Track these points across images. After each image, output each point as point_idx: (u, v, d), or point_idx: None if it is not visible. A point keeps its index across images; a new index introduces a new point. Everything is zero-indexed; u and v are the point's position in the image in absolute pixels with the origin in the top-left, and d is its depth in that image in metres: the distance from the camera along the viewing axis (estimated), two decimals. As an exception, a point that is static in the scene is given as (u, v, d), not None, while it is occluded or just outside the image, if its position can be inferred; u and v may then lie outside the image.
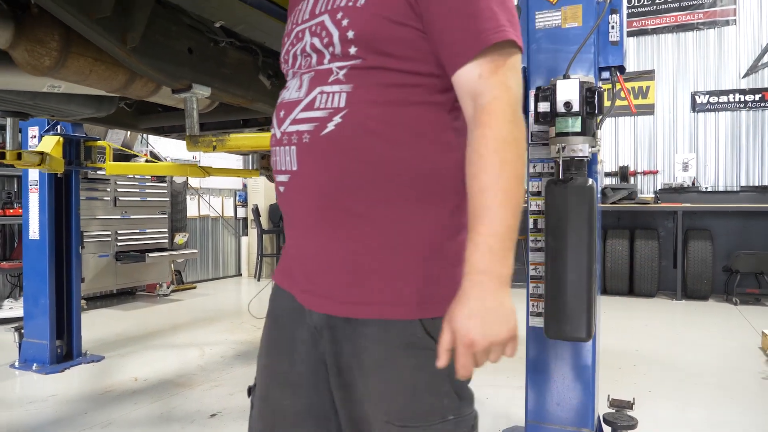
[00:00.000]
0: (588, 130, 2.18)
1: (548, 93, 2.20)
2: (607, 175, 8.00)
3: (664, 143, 7.93)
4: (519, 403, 3.05)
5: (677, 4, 7.84)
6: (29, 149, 3.97)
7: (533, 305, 2.48)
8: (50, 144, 3.62)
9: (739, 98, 7.53)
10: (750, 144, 7.52)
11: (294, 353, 1.12)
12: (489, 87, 0.96)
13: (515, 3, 2.54)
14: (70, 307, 4.15)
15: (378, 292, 1.01)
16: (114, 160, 4.14)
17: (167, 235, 7.26)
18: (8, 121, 2.82)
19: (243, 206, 9.40)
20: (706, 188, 7.62)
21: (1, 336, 4.87)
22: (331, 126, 1.00)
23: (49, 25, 1.86)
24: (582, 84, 2.16)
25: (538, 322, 2.44)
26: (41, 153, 3.31)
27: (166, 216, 7.23)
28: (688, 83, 7.81)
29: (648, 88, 7.97)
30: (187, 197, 8.22)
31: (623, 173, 7.79)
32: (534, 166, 2.46)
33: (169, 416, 3.09)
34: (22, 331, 4.14)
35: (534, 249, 2.46)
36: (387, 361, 1.01)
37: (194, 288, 8.00)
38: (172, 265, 7.52)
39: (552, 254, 2.18)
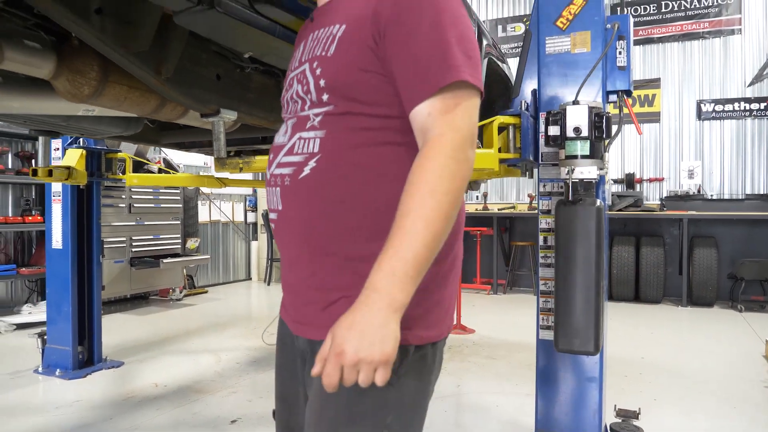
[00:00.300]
0: (596, 153, 2.28)
1: (558, 117, 2.31)
2: (613, 182, 8.08)
3: (669, 151, 8.01)
4: (527, 411, 3.16)
5: (683, 13, 7.92)
6: (53, 162, 4.12)
7: (543, 319, 2.58)
8: (74, 157, 3.75)
9: (745, 107, 7.61)
10: (755, 152, 7.60)
11: (294, 376, 1.24)
12: (436, 124, 0.99)
13: (526, 28, 2.65)
14: (91, 314, 4.28)
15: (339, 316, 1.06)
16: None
17: (180, 240, 7.40)
18: (40, 140, 2.95)
19: (253, 211, 9.53)
20: (711, 196, 7.70)
21: (22, 340, 5.00)
22: (306, 170, 1.09)
23: (89, 56, 1.98)
24: (591, 109, 2.26)
25: (548, 335, 2.54)
26: (68, 167, 3.44)
27: (179, 222, 7.37)
28: (693, 91, 7.89)
29: (654, 96, 8.06)
30: (199, 203, 8.35)
31: (629, 180, 7.88)
32: (544, 186, 2.56)
33: (192, 422, 3.21)
34: (45, 337, 4.27)
35: (544, 265, 2.56)
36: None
37: (206, 292, 8.13)
38: (185, 270, 7.65)
39: (562, 272, 2.29)
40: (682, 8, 7.92)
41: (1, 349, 4.92)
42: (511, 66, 7.86)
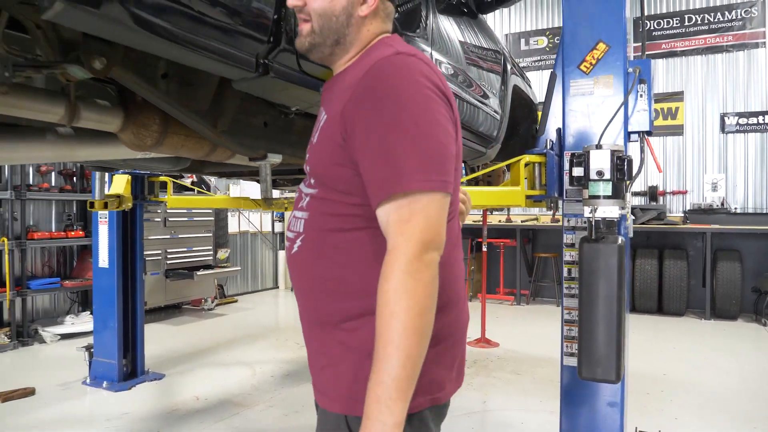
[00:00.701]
0: (618, 194, 2.43)
1: (582, 159, 2.46)
2: (636, 195, 8.15)
3: (693, 164, 8.06)
4: (551, 429, 3.30)
5: (706, 27, 7.96)
6: (96, 180, 4.37)
7: (567, 346, 2.73)
8: (122, 184, 3.99)
9: (769, 120, 7.63)
10: (780, 165, 7.61)
11: None
12: (391, 235, 1.04)
13: (551, 71, 2.81)
14: (134, 328, 4.53)
15: (325, 382, 1.18)
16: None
17: (212, 251, 7.65)
18: (97, 175, 3.18)
19: (280, 221, 9.77)
20: (735, 209, 7.73)
21: (67, 350, 5.28)
22: (295, 248, 1.22)
23: (152, 111, 2.19)
24: (613, 153, 2.41)
25: (572, 361, 2.69)
26: (118, 196, 3.68)
27: (210, 234, 7.62)
28: (717, 104, 7.93)
29: (677, 109, 8.11)
30: (229, 214, 8.61)
31: (652, 193, 7.94)
32: (568, 220, 2.71)
33: (233, 436, 3.42)
34: (92, 350, 4.52)
35: (568, 296, 2.71)
36: None
37: (236, 302, 8.39)
38: (216, 280, 7.91)
39: (585, 304, 2.43)
40: (706, 21, 7.96)
41: (49, 359, 5.21)
42: (532, 79, 8.00)
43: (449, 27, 3.14)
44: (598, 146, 2.44)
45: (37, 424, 3.63)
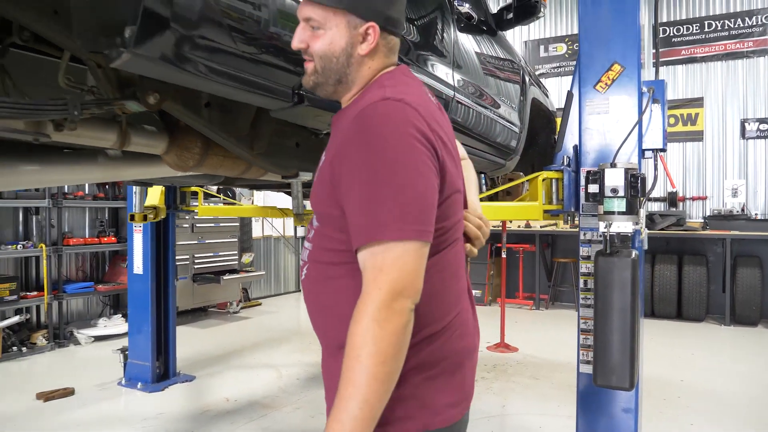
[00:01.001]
0: (632, 210, 2.54)
1: (597, 177, 2.58)
2: (656, 200, 8.19)
3: (713, 169, 8.08)
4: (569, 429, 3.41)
5: (727, 33, 7.98)
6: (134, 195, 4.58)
7: (583, 354, 2.85)
8: (156, 195, 4.19)
9: (790, 126, 7.63)
10: (801, 171, 7.61)
11: None
12: (366, 281, 1.08)
13: (568, 90, 2.93)
14: (166, 331, 4.73)
15: (328, 405, 1.22)
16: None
17: (237, 256, 7.86)
18: (136, 189, 3.38)
19: (303, 226, 9.94)
20: (755, 215, 7.73)
21: (101, 351, 5.51)
22: (303, 274, 1.31)
23: (194, 135, 2.36)
24: (627, 171, 2.53)
25: (587, 368, 2.81)
26: (155, 207, 3.88)
27: (236, 239, 7.84)
28: (737, 110, 7.94)
29: (697, 114, 8.13)
30: (252, 219, 8.81)
31: (672, 199, 7.98)
32: (584, 234, 2.83)
33: (263, 436, 3.59)
34: (127, 352, 4.74)
35: (584, 306, 2.83)
36: None
37: (260, 305, 8.59)
38: (240, 284, 8.12)
39: (600, 315, 2.55)
40: (726, 28, 7.98)
41: (84, 360, 5.44)
42: (551, 85, 8.06)
43: (469, 45, 3.27)
44: (613, 164, 2.56)
45: (79, 423, 3.84)
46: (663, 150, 2.79)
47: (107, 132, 2.10)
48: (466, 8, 3.22)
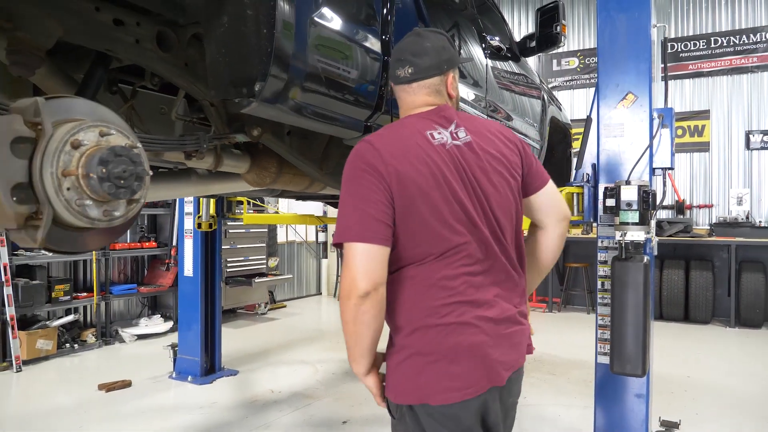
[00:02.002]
0: (644, 221, 2.95)
1: (614, 193, 2.99)
2: (664, 208, 8.56)
3: (719, 179, 8.46)
4: (586, 421, 3.80)
5: (732, 49, 8.37)
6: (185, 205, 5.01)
7: (600, 347, 3.25)
8: (211, 205, 4.62)
9: (793, 137, 8.00)
10: (803, 181, 7.98)
11: None
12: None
13: (587, 116, 3.33)
14: (213, 329, 5.16)
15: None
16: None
17: (265, 260, 8.29)
18: (204, 201, 3.81)
19: (323, 231, 10.39)
20: (760, 222, 8.10)
21: (146, 349, 5.95)
22: None
23: (271, 156, 2.78)
24: (640, 188, 2.93)
25: (604, 359, 3.20)
26: (213, 216, 4.31)
27: (264, 244, 8.27)
28: (742, 122, 8.33)
29: (703, 126, 8.52)
30: (277, 226, 9.25)
31: (679, 207, 8.35)
32: (602, 242, 3.23)
33: (311, 422, 4.00)
34: (176, 348, 5.16)
35: (602, 304, 3.23)
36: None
37: (285, 307, 9.02)
38: (267, 287, 8.54)
39: (617, 312, 2.95)
40: (731, 44, 8.36)
41: (131, 357, 5.88)
42: (564, 98, 8.40)
43: (498, 71, 3.68)
44: (628, 182, 2.97)
45: (144, 410, 4.27)
46: (671, 168, 3.19)
47: (207, 155, 2.52)
48: (496, 41, 3.63)
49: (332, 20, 1.99)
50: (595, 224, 3.35)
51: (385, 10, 2.33)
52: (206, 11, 1.84)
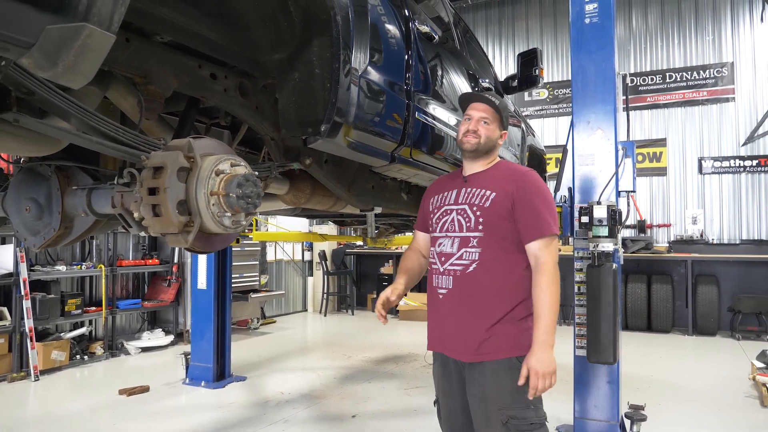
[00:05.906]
0: (612, 234, 3.57)
1: (587, 211, 3.61)
2: (627, 227, 9.32)
3: (675, 200, 9.27)
4: (565, 410, 4.37)
5: (685, 83, 9.25)
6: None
7: (578, 341, 3.83)
8: (227, 223, 5.10)
9: (740, 163, 8.88)
10: (750, 202, 8.84)
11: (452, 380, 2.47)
12: (543, 255, 2.17)
13: (564, 146, 3.96)
14: (223, 338, 5.60)
15: (493, 345, 2.27)
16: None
17: (257, 277, 8.73)
18: (231, 218, 4.30)
19: (309, 251, 10.86)
20: (712, 240, 8.91)
21: (147, 360, 6.32)
22: (469, 270, 2.32)
23: (306, 180, 3.30)
24: (609, 207, 3.55)
25: (582, 352, 3.79)
26: (233, 233, 4.80)
27: (257, 262, 8.71)
28: (695, 150, 9.19)
29: (660, 153, 9.35)
30: (267, 244, 9.70)
31: (641, 226, 9.12)
32: (578, 252, 3.84)
33: (324, 416, 4.48)
34: (189, 356, 5.58)
35: (578, 305, 3.83)
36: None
37: (275, 322, 9.43)
38: (260, 302, 8.96)
39: (591, 310, 3.55)
40: (684, 79, 9.25)
41: (139, 368, 6.25)
42: (535, 126, 9.06)
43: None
44: (599, 202, 3.59)
45: (167, 410, 4.68)
46: (633, 191, 3.84)
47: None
48: (487, 83, 4.26)
49: (375, 76, 2.57)
50: (571, 238, 3.96)
51: (406, 68, 2.92)
52: (281, 69, 2.39)
